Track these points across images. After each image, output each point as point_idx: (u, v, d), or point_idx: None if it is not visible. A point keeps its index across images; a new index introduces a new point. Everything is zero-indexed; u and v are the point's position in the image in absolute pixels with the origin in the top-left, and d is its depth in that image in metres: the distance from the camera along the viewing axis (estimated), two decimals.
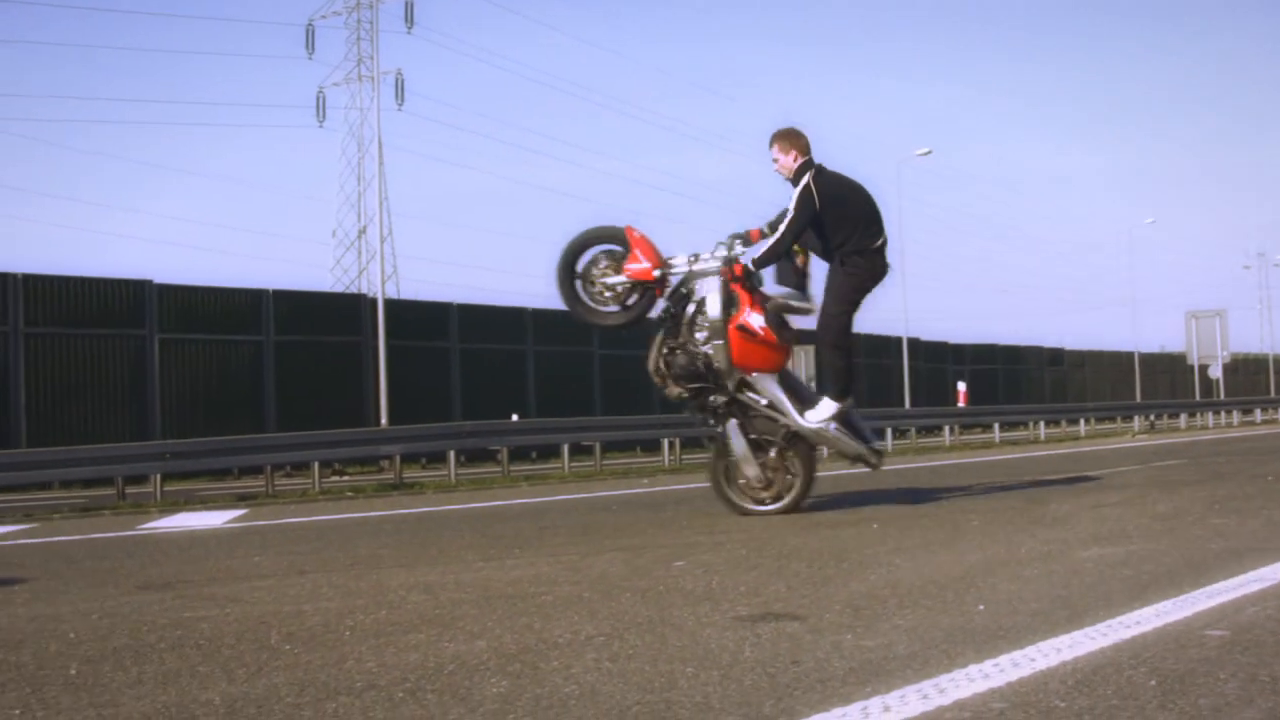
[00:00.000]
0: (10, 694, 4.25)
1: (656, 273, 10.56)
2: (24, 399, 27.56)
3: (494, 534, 10.17)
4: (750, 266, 10.43)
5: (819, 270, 10.73)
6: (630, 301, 10.78)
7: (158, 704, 4.02)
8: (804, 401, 10.67)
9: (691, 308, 10.55)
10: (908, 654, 4.42)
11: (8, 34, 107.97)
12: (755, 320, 10.45)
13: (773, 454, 10.66)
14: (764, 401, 10.62)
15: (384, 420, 31.36)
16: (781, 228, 10.31)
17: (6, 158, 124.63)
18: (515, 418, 28.83)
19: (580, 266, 10.82)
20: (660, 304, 10.80)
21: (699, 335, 10.51)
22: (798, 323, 10.84)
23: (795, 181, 10.42)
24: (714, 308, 10.39)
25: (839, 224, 10.42)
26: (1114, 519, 9.27)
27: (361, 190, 61.72)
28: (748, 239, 10.66)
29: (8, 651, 5.06)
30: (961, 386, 43.91)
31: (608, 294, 10.76)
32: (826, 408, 10.59)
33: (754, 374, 10.57)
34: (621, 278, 10.65)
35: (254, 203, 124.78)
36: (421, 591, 6.52)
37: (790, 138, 10.54)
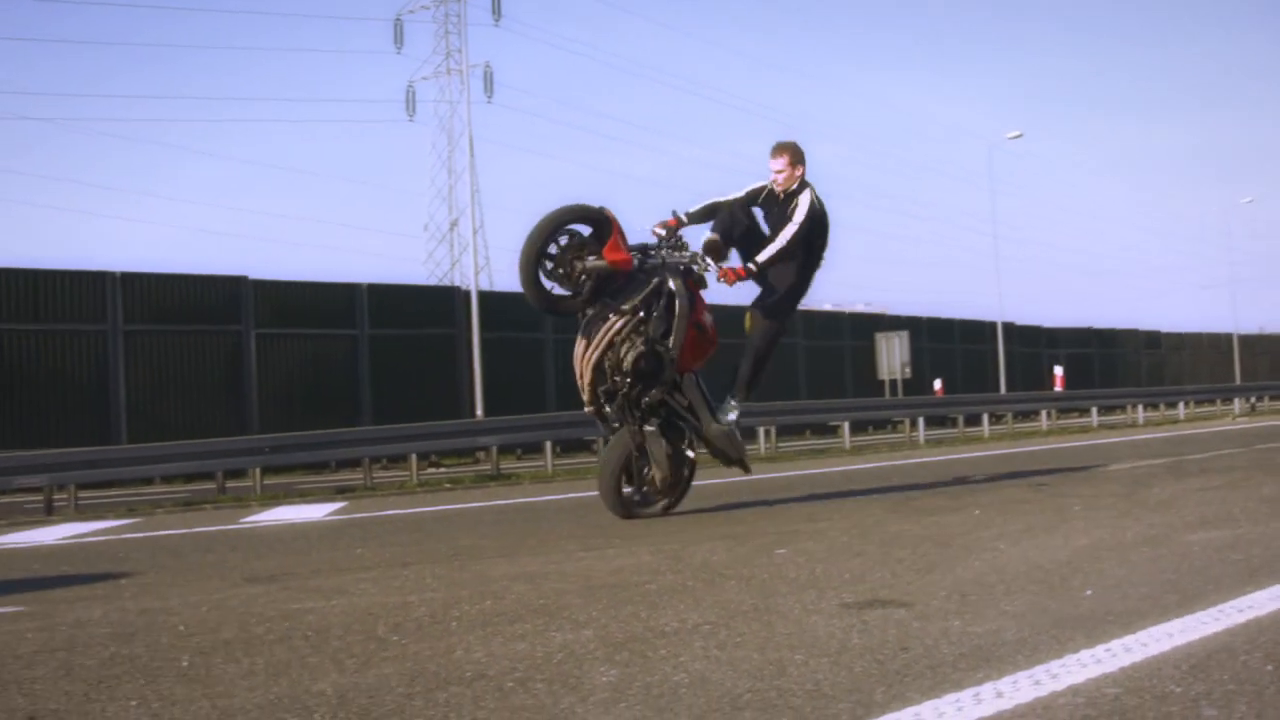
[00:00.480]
0: (126, 686, 4.31)
1: (636, 262, 10.12)
2: (124, 395, 27.95)
3: (593, 523, 10.18)
4: (753, 267, 10.21)
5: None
6: (585, 289, 10.10)
7: (270, 695, 4.07)
8: (708, 403, 10.56)
9: (662, 302, 10.08)
10: (1017, 639, 4.40)
11: (99, 35, 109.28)
12: (708, 318, 10.38)
13: (690, 453, 10.65)
14: (685, 402, 10.44)
15: (479, 412, 31.48)
16: (790, 231, 10.25)
17: (104, 158, 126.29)
18: None
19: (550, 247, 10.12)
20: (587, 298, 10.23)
21: (659, 331, 10.08)
22: None
23: (795, 192, 10.49)
24: (683, 304, 10.03)
25: (822, 241, 10.70)
26: (1219, 502, 9.18)
27: (452, 183, 62.36)
28: (666, 227, 10.37)
29: (120, 644, 5.13)
30: (1058, 371, 43.42)
31: (571, 277, 10.10)
32: (733, 410, 10.62)
33: (684, 374, 10.39)
34: (602, 262, 9.97)
35: (346, 198, 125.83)
36: (524, 581, 6.55)
37: (798, 152, 10.55)
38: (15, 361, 26.76)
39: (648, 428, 10.30)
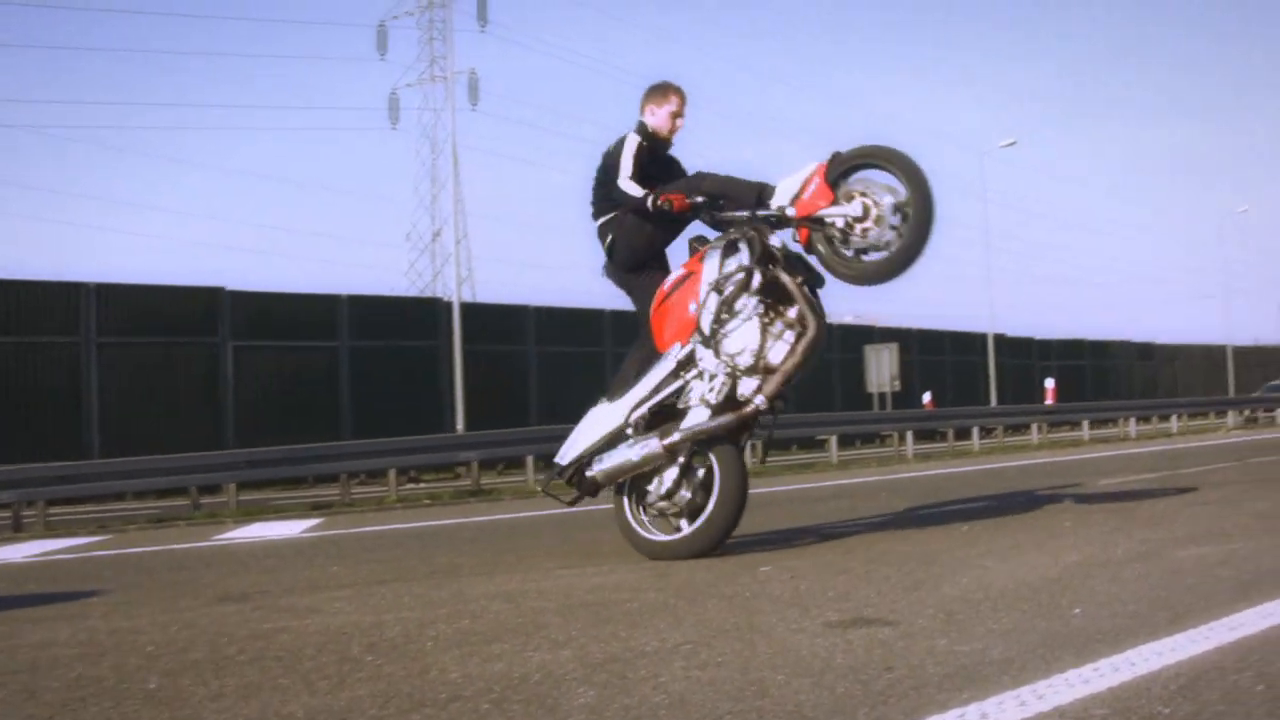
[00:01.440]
0: (91, 708, 4.28)
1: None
2: (97, 409, 27.86)
3: (574, 540, 10.18)
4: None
5: None
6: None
7: (239, 717, 4.04)
8: None
9: None
10: (1003, 659, 4.38)
11: (75, 41, 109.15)
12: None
13: None
14: None
15: (460, 426, 31.47)
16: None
17: (79, 166, 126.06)
18: None
19: None
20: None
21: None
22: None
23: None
24: None
25: None
26: (1212, 517, 9.18)
27: (435, 192, 62.20)
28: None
29: (87, 665, 5.10)
30: (1049, 383, 43.52)
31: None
32: None
33: None
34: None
35: (326, 207, 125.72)
36: (503, 600, 6.53)
37: None
38: None
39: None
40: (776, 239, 8.50)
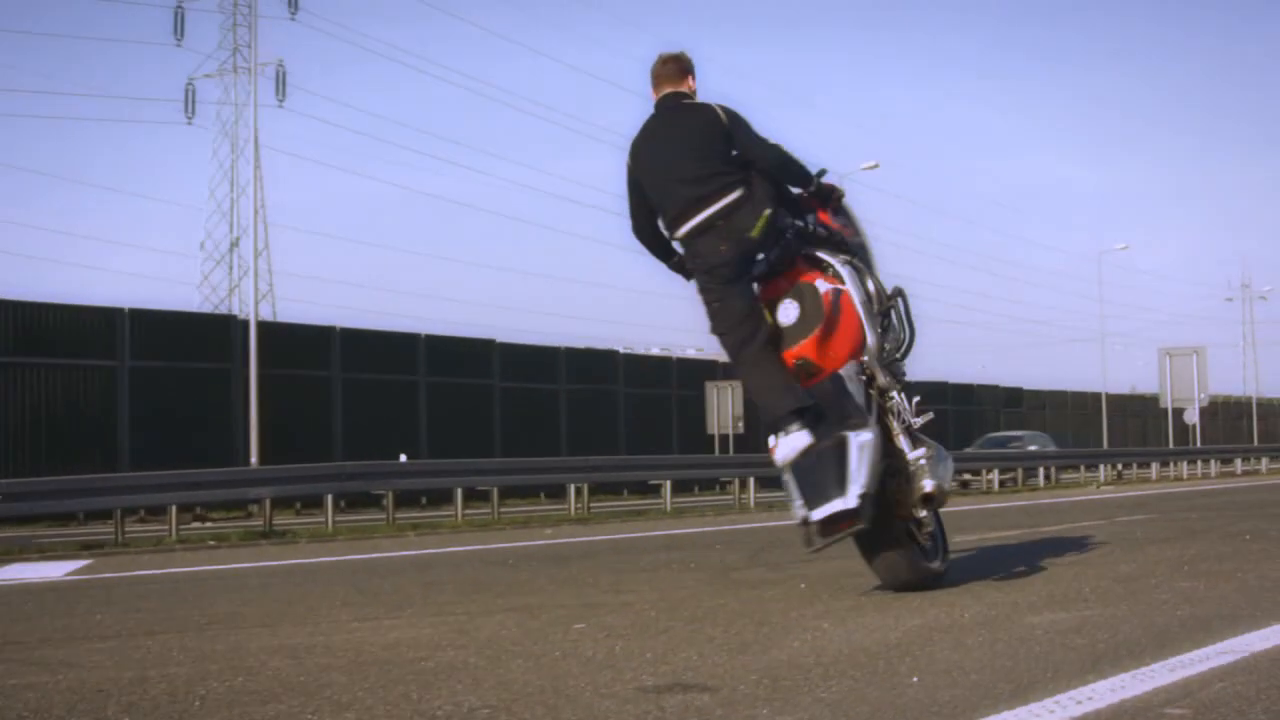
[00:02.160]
0: None
1: None
2: None
3: (373, 590, 10.12)
4: None
5: None
6: None
7: None
8: None
9: None
10: None
11: None
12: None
13: None
14: None
15: (254, 459, 31.16)
16: None
17: None
18: (404, 458, 28.69)
19: None
20: None
21: None
22: None
23: None
24: None
25: None
26: (1070, 580, 9.32)
27: (235, 197, 61.46)
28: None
29: None
30: None
31: None
32: None
33: None
34: None
35: (108, 207, 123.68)
36: (285, 656, 6.47)
37: None
38: None
39: None
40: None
